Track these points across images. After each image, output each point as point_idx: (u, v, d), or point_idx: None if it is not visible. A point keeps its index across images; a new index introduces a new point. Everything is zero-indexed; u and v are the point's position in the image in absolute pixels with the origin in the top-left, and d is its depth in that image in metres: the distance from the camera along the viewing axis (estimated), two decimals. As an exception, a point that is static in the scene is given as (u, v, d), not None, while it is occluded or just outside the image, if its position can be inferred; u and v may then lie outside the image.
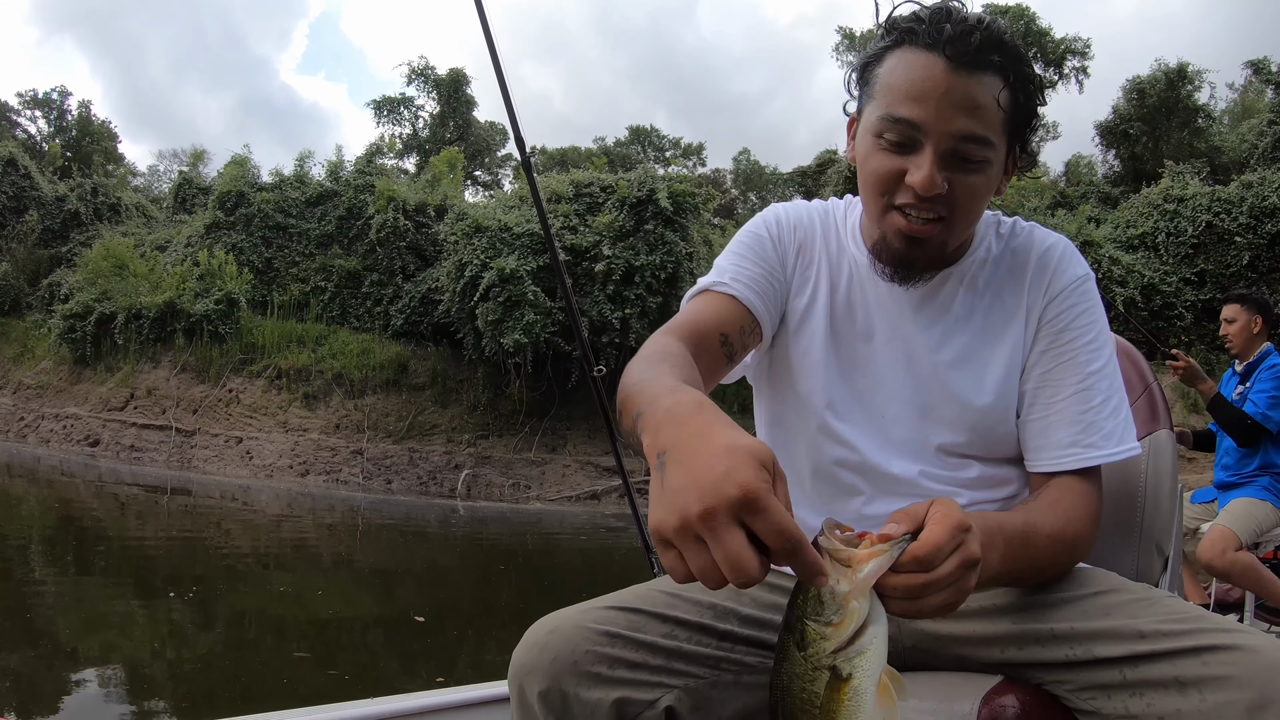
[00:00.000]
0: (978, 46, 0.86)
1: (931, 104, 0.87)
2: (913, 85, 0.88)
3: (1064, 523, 0.89)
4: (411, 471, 12.65)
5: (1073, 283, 1.00)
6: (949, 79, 0.87)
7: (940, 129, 0.88)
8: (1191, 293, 14.11)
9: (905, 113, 0.89)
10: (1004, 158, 0.93)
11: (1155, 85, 19.61)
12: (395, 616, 5.64)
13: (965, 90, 0.87)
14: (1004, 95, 0.89)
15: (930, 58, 0.88)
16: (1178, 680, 0.74)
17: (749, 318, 1.01)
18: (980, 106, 0.88)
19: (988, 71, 0.88)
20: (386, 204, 14.94)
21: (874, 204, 0.95)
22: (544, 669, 0.83)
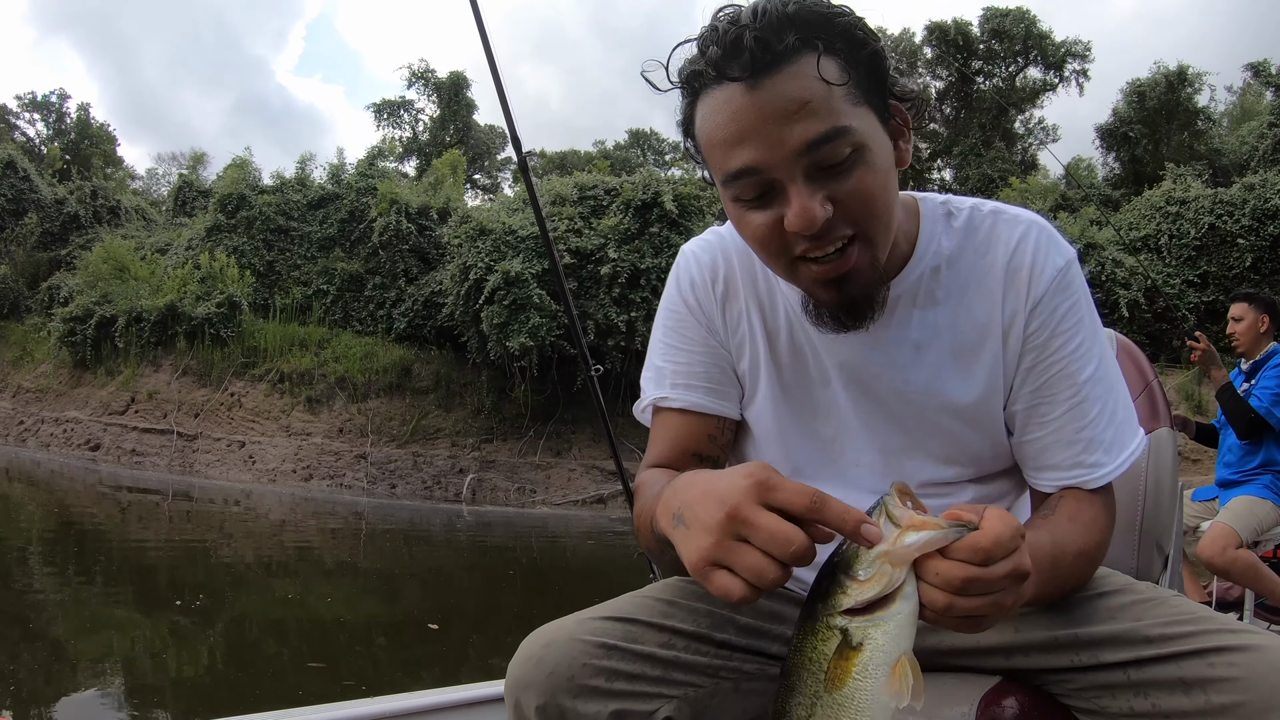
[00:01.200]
0: (761, 43, 0.72)
1: (754, 136, 0.73)
2: (726, 130, 0.75)
3: (1087, 536, 0.83)
4: (416, 476, 12.59)
5: (1054, 279, 0.87)
6: (755, 98, 0.73)
7: (780, 155, 0.73)
8: (1194, 294, 14.14)
9: (738, 163, 0.75)
10: (878, 126, 0.77)
11: (1155, 88, 19.68)
12: (408, 624, 5.58)
13: (779, 97, 0.72)
14: (827, 67, 0.73)
15: (726, 90, 0.74)
16: (1182, 681, 0.72)
17: (711, 422, 0.95)
18: (806, 101, 0.72)
19: (793, 59, 0.72)
20: (389, 207, 14.89)
21: (777, 266, 0.82)
22: (540, 684, 0.81)
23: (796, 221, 0.74)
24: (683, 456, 0.94)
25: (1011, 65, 21.65)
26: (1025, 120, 22.73)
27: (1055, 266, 0.87)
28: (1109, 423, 0.87)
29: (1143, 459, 1.16)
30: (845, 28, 0.75)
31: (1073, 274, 0.88)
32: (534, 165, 27.32)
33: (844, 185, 0.75)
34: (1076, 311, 0.87)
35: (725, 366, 0.96)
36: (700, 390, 0.95)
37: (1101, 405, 0.87)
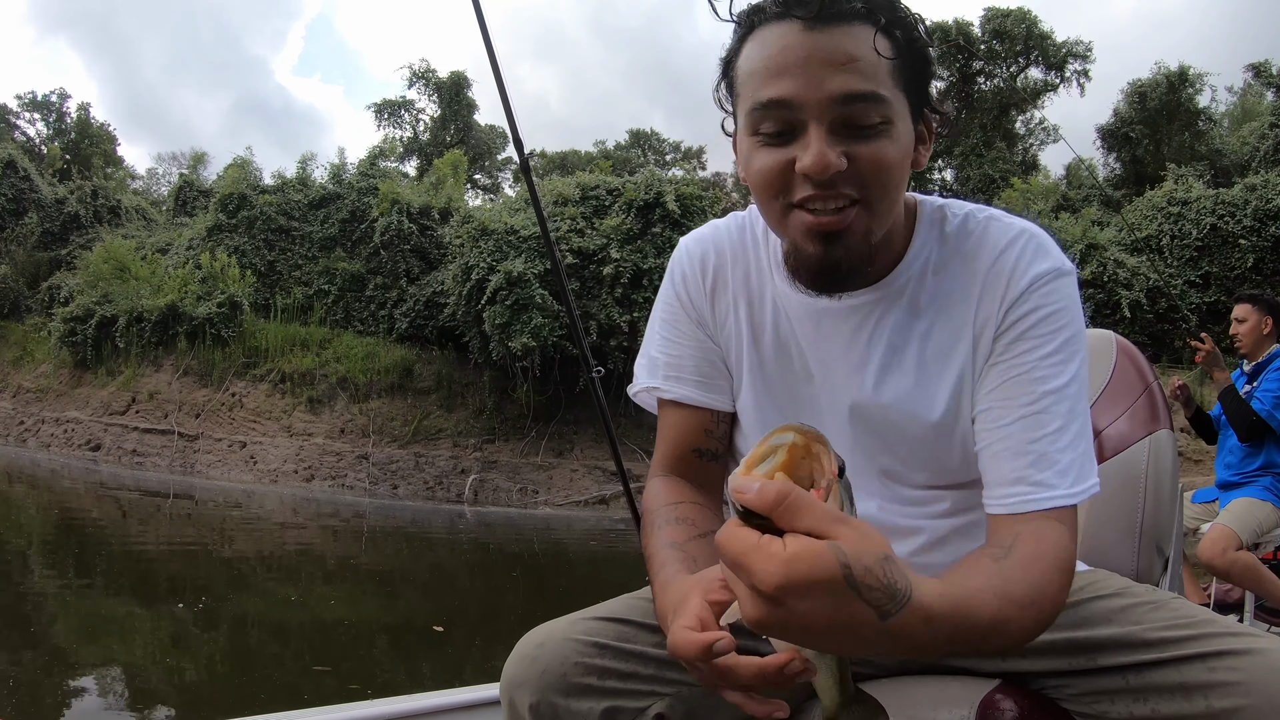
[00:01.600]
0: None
1: (798, 72, 0.74)
2: (772, 61, 0.76)
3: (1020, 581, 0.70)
4: (418, 476, 12.56)
5: (1034, 282, 0.83)
6: (810, 39, 0.74)
7: (816, 96, 0.74)
8: (1196, 295, 14.14)
9: (772, 93, 0.76)
10: (909, 116, 0.79)
11: (1156, 89, 19.69)
12: (413, 626, 5.56)
13: (832, 45, 0.74)
14: (880, 41, 0.75)
15: (783, 26, 0.76)
16: (1183, 686, 0.72)
17: (707, 415, 0.96)
18: (856, 59, 0.74)
19: (853, 21, 0.75)
20: (390, 207, 14.86)
21: (771, 210, 0.81)
22: (533, 682, 0.83)
23: (810, 163, 0.75)
24: (685, 456, 0.96)
25: (1012, 65, 21.63)
26: (1026, 120, 22.73)
27: (1038, 271, 0.84)
28: (1070, 445, 0.79)
29: (1143, 460, 1.16)
30: (908, 20, 0.78)
31: (1059, 284, 0.84)
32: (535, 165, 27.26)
33: (863, 148, 0.76)
34: (1055, 321, 0.82)
35: (715, 360, 0.97)
36: (690, 383, 0.96)
37: (1063, 423, 0.80)
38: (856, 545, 0.52)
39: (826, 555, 0.51)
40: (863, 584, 0.52)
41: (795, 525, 0.52)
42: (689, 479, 0.96)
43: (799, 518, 0.52)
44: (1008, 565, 0.72)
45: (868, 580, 0.52)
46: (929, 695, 0.86)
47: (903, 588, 0.55)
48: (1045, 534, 0.76)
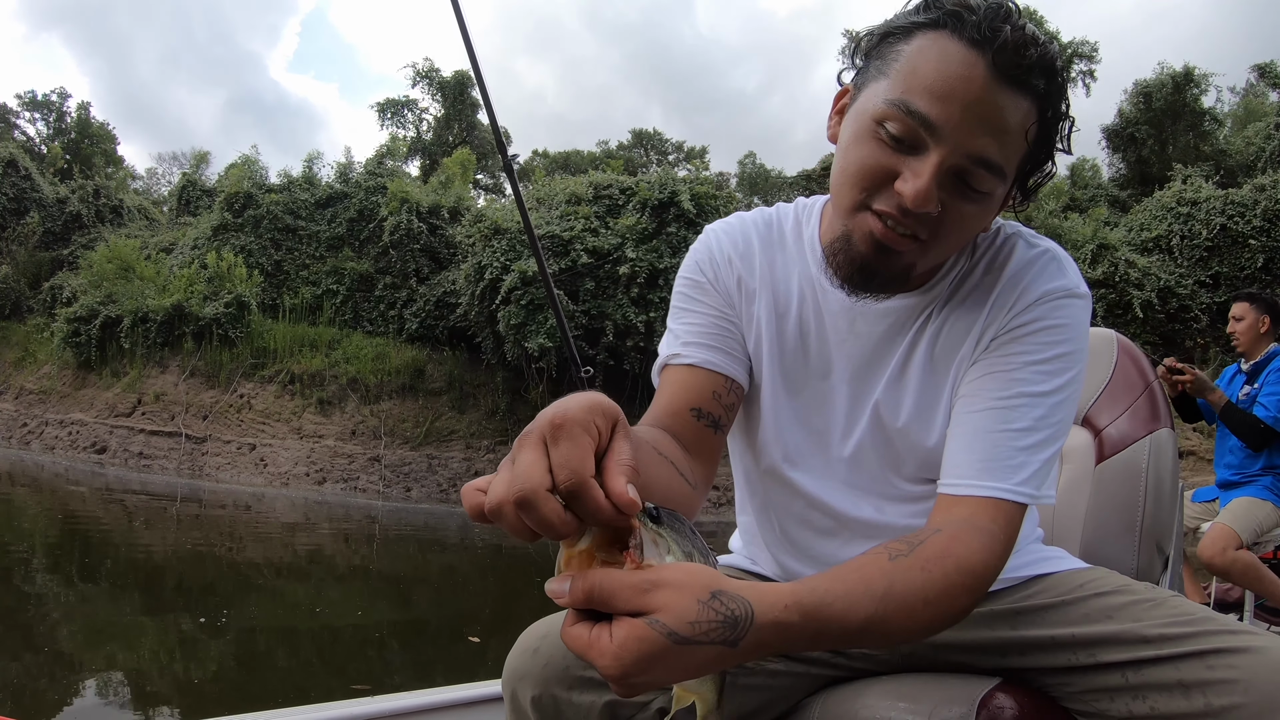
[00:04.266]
0: (1029, 64, 0.74)
1: (958, 108, 0.74)
2: (943, 79, 0.74)
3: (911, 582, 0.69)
4: (431, 478, 12.43)
5: (1044, 296, 0.84)
6: (987, 88, 0.74)
7: (957, 140, 0.74)
8: (1207, 295, 14.15)
9: (924, 107, 0.74)
10: (1006, 192, 0.81)
11: (1162, 89, 19.71)
12: (447, 635, 5.43)
13: (999, 107, 0.74)
14: (1033, 128, 0.77)
15: (972, 55, 0.74)
16: (1181, 683, 0.72)
17: (718, 379, 0.92)
18: (1008, 131, 0.75)
19: (1027, 96, 0.75)
20: (400, 206, 14.73)
21: (846, 197, 0.81)
22: (536, 675, 0.85)
23: (913, 193, 0.75)
24: (680, 412, 0.89)
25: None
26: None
27: (1050, 286, 0.84)
28: (1030, 448, 0.78)
29: (1143, 460, 1.18)
30: (1061, 116, 0.79)
31: (1067, 302, 0.84)
32: (537, 165, 27.17)
33: (960, 205, 0.78)
34: (1053, 335, 0.83)
35: (737, 334, 0.95)
36: (711, 348, 0.94)
37: (1031, 426, 0.79)
38: (676, 603, 0.54)
39: (648, 633, 0.53)
40: (695, 637, 0.54)
41: (615, 609, 0.54)
42: (677, 437, 0.86)
43: (613, 602, 0.53)
44: (903, 564, 0.70)
45: (698, 631, 0.54)
46: (929, 693, 0.85)
47: (742, 614, 0.57)
48: (964, 531, 0.74)
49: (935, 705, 0.82)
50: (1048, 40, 0.75)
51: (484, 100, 1.63)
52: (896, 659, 0.93)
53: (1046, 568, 0.92)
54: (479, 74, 1.63)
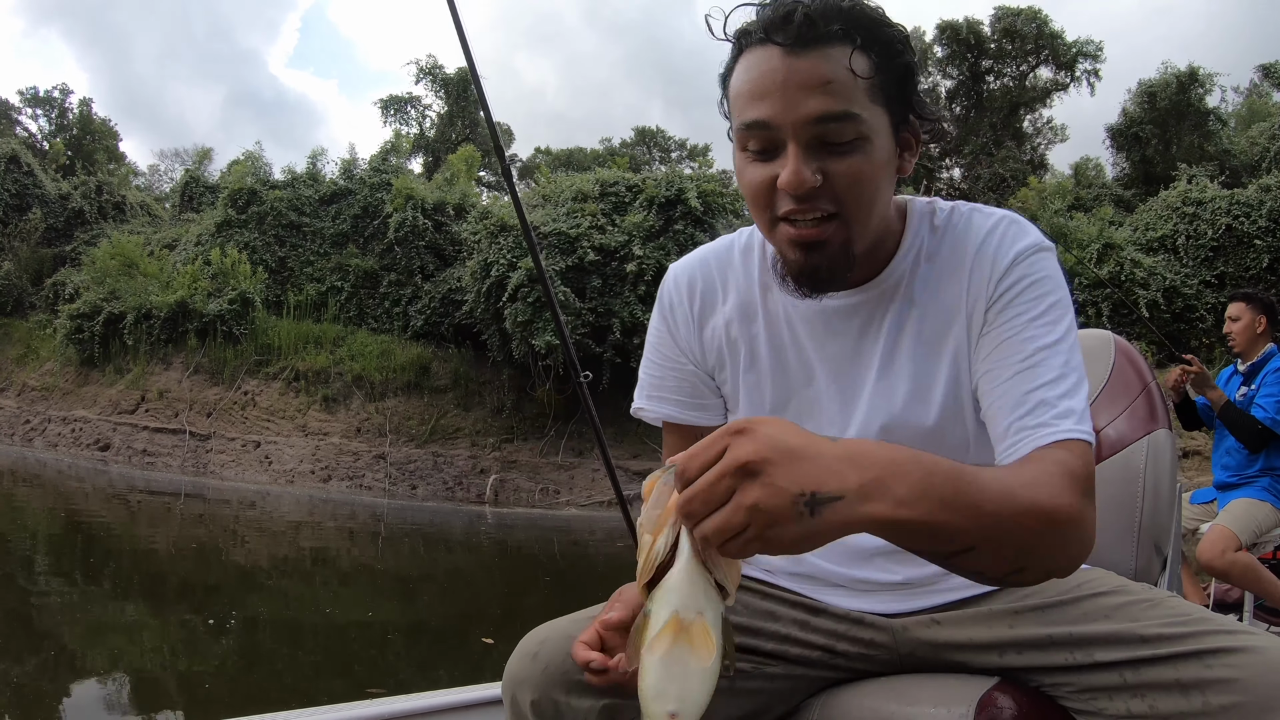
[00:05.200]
0: (809, 21, 0.79)
1: (775, 96, 0.80)
2: (754, 84, 0.82)
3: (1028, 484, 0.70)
4: (436, 476, 12.38)
5: (1018, 256, 0.87)
6: (786, 64, 0.80)
7: (791, 118, 0.80)
8: (1212, 295, 14.13)
9: (754, 114, 0.82)
10: (888, 130, 0.83)
11: (1166, 89, 19.69)
12: (459, 637, 5.38)
13: (807, 70, 0.79)
14: (858, 61, 0.80)
15: (766, 50, 0.81)
16: (1179, 683, 0.72)
17: (690, 432, 1.00)
18: (830, 81, 0.79)
19: (831, 44, 0.80)
20: (405, 202, 14.66)
21: (761, 220, 0.87)
22: (535, 679, 0.87)
23: (786, 181, 0.80)
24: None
25: (1022, 65, 21.60)
26: (1034, 120, 22.72)
27: (1020, 246, 0.88)
28: (1067, 393, 0.80)
29: (1141, 460, 1.18)
30: (887, 36, 0.82)
31: (1040, 256, 0.88)
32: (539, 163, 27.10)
33: (838, 164, 0.81)
34: (1040, 288, 0.86)
35: (698, 383, 1.01)
36: (671, 403, 1.01)
37: (1060, 374, 0.81)
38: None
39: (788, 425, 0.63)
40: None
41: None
42: None
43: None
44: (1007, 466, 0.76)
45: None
46: (928, 693, 0.85)
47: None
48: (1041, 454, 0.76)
49: (934, 705, 0.83)
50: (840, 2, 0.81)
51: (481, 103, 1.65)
52: (895, 659, 0.93)
53: None
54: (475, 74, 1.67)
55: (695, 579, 0.63)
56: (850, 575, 0.95)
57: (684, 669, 0.63)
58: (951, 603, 0.92)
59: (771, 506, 0.59)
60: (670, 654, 0.62)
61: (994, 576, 0.72)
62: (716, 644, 0.63)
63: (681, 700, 0.63)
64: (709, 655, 0.63)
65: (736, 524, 0.60)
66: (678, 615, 0.63)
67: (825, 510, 0.60)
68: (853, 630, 0.95)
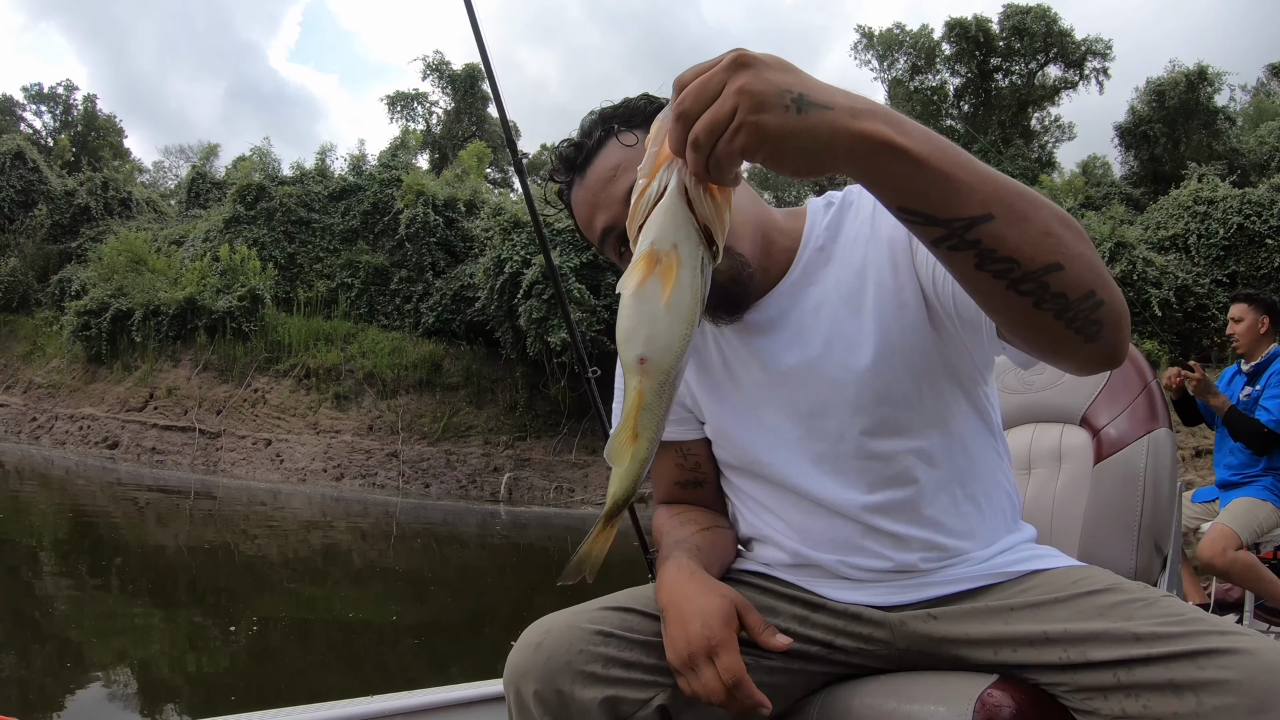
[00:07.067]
0: (575, 146, 0.95)
1: (599, 205, 0.93)
2: (582, 212, 0.96)
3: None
4: (450, 475, 12.30)
5: None
6: (587, 182, 0.94)
7: (617, 211, 0.91)
8: (1224, 294, 14.10)
9: (598, 226, 0.94)
10: None
11: (1175, 87, 19.66)
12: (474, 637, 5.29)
13: (599, 171, 0.93)
14: (625, 138, 0.92)
15: (573, 190, 0.97)
16: (1173, 684, 0.72)
17: (671, 449, 1.08)
18: (619, 164, 0.91)
19: (601, 146, 0.93)
20: (415, 198, 14.57)
21: None
22: (539, 670, 0.87)
23: None
24: (671, 490, 1.11)
25: (1031, 63, 21.55)
26: (1041, 118, 22.68)
27: None
28: None
29: (1141, 459, 1.19)
30: (634, 106, 0.95)
31: None
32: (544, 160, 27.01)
33: None
34: None
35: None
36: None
37: None
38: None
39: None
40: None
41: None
42: (689, 504, 1.10)
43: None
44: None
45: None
46: (928, 690, 0.86)
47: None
48: None
49: (934, 702, 0.83)
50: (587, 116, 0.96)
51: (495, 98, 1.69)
52: (894, 654, 0.94)
53: (1040, 564, 0.94)
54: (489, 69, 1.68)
55: (677, 213, 0.61)
56: (845, 561, 0.96)
57: (652, 309, 0.60)
58: (947, 596, 0.93)
59: (757, 90, 0.59)
60: (642, 290, 0.59)
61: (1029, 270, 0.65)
62: (692, 287, 0.60)
63: (651, 343, 0.61)
64: (684, 295, 0.59)
65: (725, 111, 0.59)
66: (653, 246, 0.61)
67: (812, 111, 0.60)
68: (851, 626, 0.95)
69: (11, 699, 3.34)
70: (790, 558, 1.00)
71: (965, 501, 0.95)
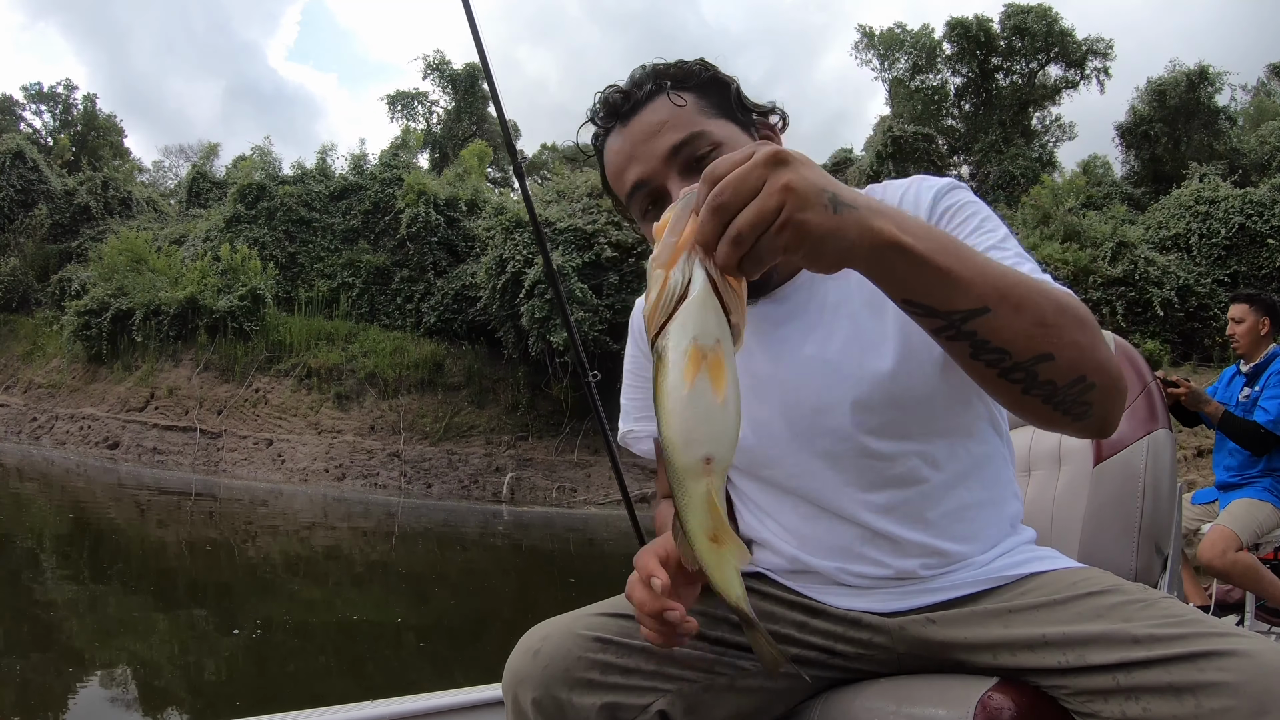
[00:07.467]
0: (625, 94, 0.93)
1: (636, 157, 0.91)
2: (617, 161, 0.93)
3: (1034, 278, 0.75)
4: (452, 475, 12.28)
5: (937, 194, 0.92)
6: (629, 130, 0.92)
7: (654, 164, 0.90)
8: (1225, 294, 14.10)
9: (629, 179, 0.92)
10: (740, 133, 0.93)
11: (1176, 87, 19.66)
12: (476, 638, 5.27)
13: (643, 124, 0.91)
14: (675, 97, 0.91)
15: (611, 136, 0.95)
16: (1172, 686, 0.72)
17: None
18: (665, 120, 0.90)
19: (650, 100, 0.92)
20: (417, 198, 14.54)
21: None
22: (536, 677, 0.87)
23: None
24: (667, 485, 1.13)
25: (1032, 62, 21.54)
26: (1042, 117, 22.68)
27: (938, 186, 0.92)
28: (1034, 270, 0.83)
29: (1141, 460, 1.19)
30: (686, 69, 0.94)
31: (957, 190, 0.92)
32: (545, 160, 26.99)
33: None
34: (969, 209, 0.90)
35: None
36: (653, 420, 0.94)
37: (1016, 260, 0.83)
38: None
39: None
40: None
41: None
42: None
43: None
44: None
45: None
46: (928, 694, 0.86)
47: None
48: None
49: (934, 706, 0.83)
50: (640, 69, 0.94)
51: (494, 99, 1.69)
52: (893, 659, 0.94)
53: (1038, 566, 0.93)
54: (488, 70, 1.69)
55: (711, 306, 0.61)
56: (844, 569, 0.96)
57: (708, 406, 0.59)
58: (946, 601, 0.92)
59: (801, 188, 0.61)
60: (694, 390, 0.59)
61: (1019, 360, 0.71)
62: (736, 379, 0.61)
63: (715, 441, 0.61)
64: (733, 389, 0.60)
65: (770, 208, 0.61)
66: (697, 342, 0.60)
67: (844, 211, 0.63)
68: (851, 631, 0.95)
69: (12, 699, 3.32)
70: (789, 563, 1.00)
71: (970, 505, 0.95)
